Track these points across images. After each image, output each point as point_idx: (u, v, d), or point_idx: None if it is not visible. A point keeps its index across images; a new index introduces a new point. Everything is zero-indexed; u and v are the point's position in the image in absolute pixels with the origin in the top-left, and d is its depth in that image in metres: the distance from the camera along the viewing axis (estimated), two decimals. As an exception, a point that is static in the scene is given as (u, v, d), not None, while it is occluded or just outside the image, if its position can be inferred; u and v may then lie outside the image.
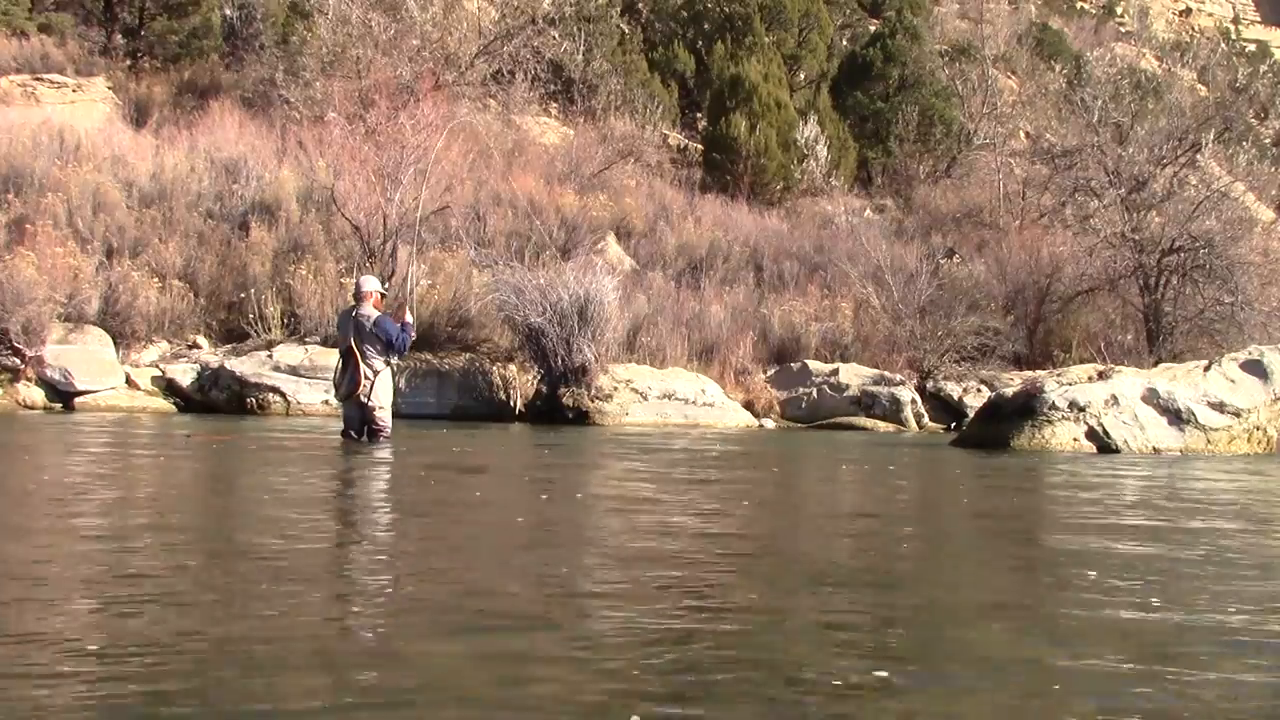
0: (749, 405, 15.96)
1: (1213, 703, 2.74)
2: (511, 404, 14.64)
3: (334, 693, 2.62)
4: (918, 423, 16.13)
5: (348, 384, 9.71)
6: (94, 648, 2.90)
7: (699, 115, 28.81)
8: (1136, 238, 19.38)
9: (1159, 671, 2.99)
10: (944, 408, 16.88)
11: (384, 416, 9.79)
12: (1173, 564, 4.71)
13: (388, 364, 9.94)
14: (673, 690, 2.71)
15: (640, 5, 31.47)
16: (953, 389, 17.07)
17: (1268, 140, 31.89)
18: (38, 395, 13.40)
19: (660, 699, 2.64)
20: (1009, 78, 33.83)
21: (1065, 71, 29.13)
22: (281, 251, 16.33)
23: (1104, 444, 11.28)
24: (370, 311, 9.76)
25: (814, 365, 16.93)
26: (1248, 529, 6.05)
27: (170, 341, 15.06)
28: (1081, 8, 49.57)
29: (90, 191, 16.38)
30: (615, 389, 14.72)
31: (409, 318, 10.15)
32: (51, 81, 21.24)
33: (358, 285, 10.05)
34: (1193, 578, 4.39)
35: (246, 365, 14.22)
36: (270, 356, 14.40)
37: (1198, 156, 22.45)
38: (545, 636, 3.19)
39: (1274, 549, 5.39)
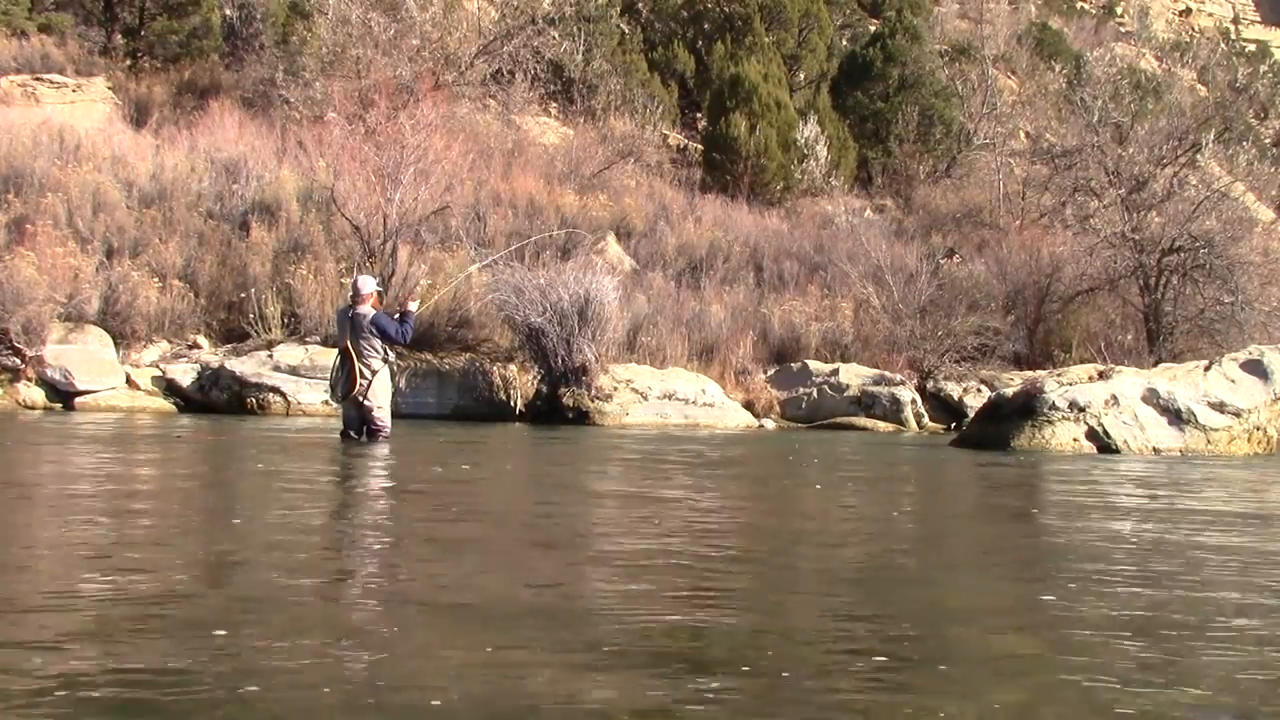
0: (749, 405, 15.96)
1: (1216, 703, 2.74)
2: (512, 404, 14.64)
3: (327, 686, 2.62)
4: (918, 423, 16.13)
5: (344, 384, 9.72)
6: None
7: (699, 115, 28.78)
8: (1136, 238, 19.37)
9: (1162, 671, 2.99)
10: (944, 408, 16.88)
11: (383, 416, 9.80)
12: (1174, 563, 4.71)
13: (386, 363, 9.96)
14: (673, 690, 2.71)
15: (640, 5, 31.44)
16: (953, 389, 17.06)
17: (1268, 140, 31.85)
18: (38, 395, 13.40)
19: (661, 698, 2.64)
20: (1009, 78, 33.81)
21: (1065, 71, 29.06)
22: (281, 251, 16.32)
23: (1104, 444, 11.28)
24: (367, 310, 9.78)
25: (814, 365, 16.92)
26: (1248, 527, 6.05)
27: (170, 341, 15.06)
28: (1081, 8, 49.52)
29: (90, 191, 16.37)
30: (615, 389, 14.72)
31: (412, 306, 10.17)
32: (51, 81, 21.23)
33: (355, 286, 10.05)
34: (1195, 576, 4.39)
35: (246, 365, 14.22)
36: (270, 356, 14.40)
37: (1198, 156, 22.43)
38: (543, 635, 3.19)
39: (1272, 549, 5.39)
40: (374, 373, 9.75)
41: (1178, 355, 17.07)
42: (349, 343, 9.72)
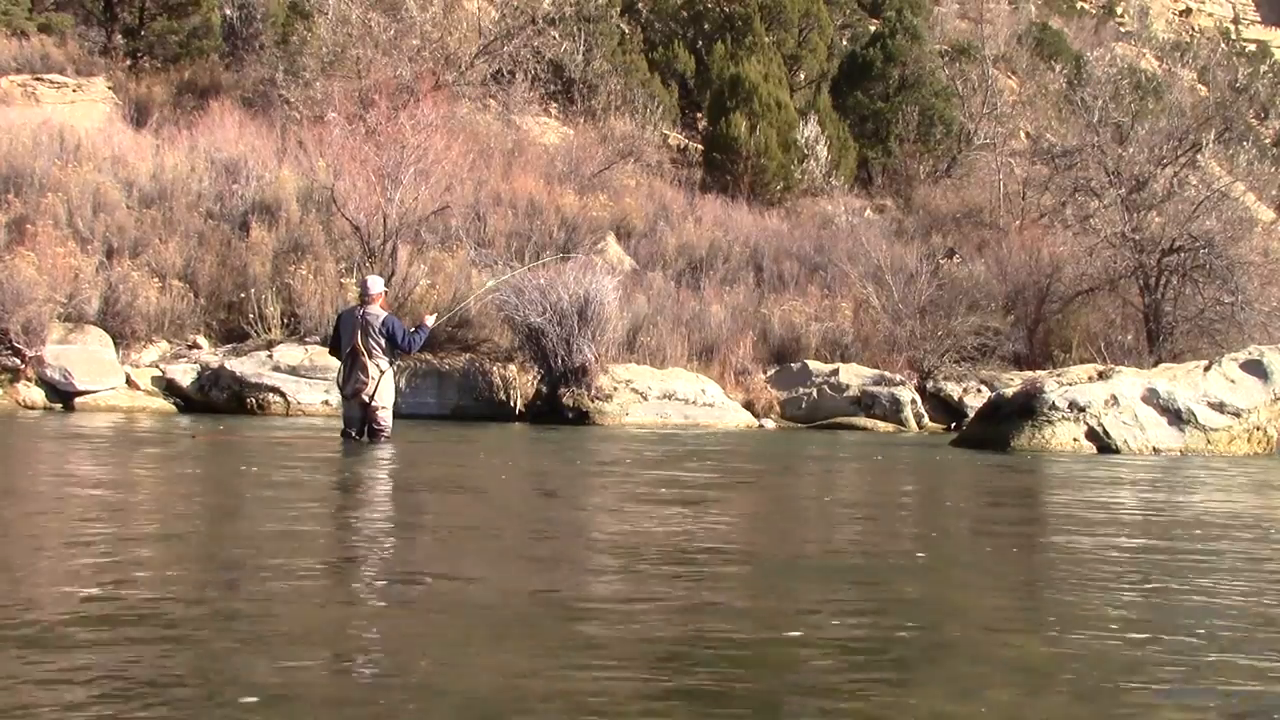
0: (749, 405, 15.96)
1: (1215, 703, 2.74)
2: (511, 404, 14.64)
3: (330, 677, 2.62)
4: (918, 423, 16.13)
5: (353, 383, 9.73)
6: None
7: (699, 115, 28.79)
8: (1136, 238, 19.37)
9: (1161, 672, 2.99)
10: (944, 408, 16.88)
11: (385, 416, 9.82)
12: (1174, 563, 4.71)
13: (392, 364, 9.98)
14: (673, 691, 2.71)
15: (640, 5, 31.44)
16: (953, 389, 17.06)
17: (1268, 140, 31.88)
18: (38, 395, 13.40)
19: (661, 700, 2.64)
20: (1009, 78, 33.80)
21: (1065, 71, 29.06)
22: (281, 251, 16.32)
23: (1104, 444, 11.28)
24: (378, 311, 9.80)
25: (814, 365, 16.92)
26: (1247, 529, 6.05)
27: (170, 341, 15.06)
28: (1081, 8, 49.50)
29: (90, 191, 16.38)
30: (615, 389, 14.72)
31: (429, 320, 10.18)
32: (51, 81, 21.23)
33: (365, 286, 10.06)
34: (1193, 577, 4.39)
35: (246, 365, 14.22)
36: (270, 356, 14.40)
37: (1198, 156, 22.43)
38: (541, 636, 3.19)
39: (1270, 549, 5.39)
40: (382, 373, 9.77)
41: (1178, 355, 17.07)
42: (358, 342, 9.73)
